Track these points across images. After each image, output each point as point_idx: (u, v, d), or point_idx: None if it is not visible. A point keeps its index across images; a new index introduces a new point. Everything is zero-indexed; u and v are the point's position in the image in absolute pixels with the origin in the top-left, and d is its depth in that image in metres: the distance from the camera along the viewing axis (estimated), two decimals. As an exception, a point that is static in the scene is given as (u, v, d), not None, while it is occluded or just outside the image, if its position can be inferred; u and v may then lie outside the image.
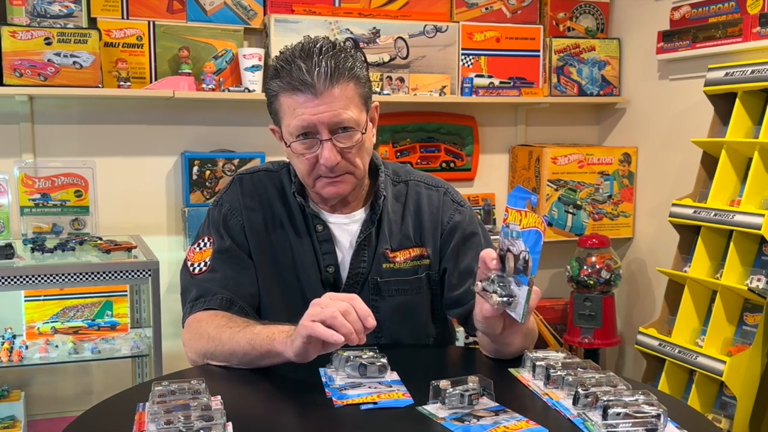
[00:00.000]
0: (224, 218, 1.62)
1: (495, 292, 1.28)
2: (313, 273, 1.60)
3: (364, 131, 1.52)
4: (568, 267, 3.22)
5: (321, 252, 1.61)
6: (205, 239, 1.62)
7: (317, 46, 1.48)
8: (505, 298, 1.27)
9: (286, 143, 1.53)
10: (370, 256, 1.61)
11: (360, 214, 1.63)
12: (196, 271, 1.59)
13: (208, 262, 1.58)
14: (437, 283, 1.67)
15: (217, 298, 1.54)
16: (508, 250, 1.27)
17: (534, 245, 1.20)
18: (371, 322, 1.28)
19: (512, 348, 1.43)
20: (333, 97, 1.46)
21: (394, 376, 1.36)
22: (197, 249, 1.62)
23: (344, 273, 1.61)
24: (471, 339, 2.59)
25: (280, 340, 1.35)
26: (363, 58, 1.56)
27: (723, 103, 2.73)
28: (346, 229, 1.62)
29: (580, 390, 1.19)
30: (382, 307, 1.62)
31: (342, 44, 1.52)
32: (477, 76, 3.21)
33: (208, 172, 2.90)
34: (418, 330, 1.67)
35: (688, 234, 2.82)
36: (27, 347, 2.52)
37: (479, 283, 1.31)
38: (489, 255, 1.30)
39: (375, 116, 1.60)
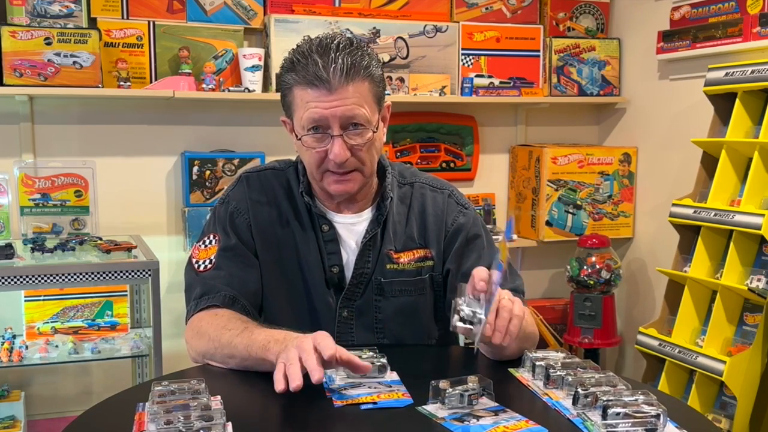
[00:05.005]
0: (231, 216, 1.62)
1: (459, 312, 1.29)
2: (317, 273, 1.60)
3: (375, 129, 1.53)
4: (568, 267, 3.22)
5: (326, 252, 1.61)
6: (211, 236, 1.62)
7: (335, 42, 1.48)
8: (465, 323, 1.29)
9: (296, 136, 1.53)
10: (375, 257, 1.62)
11: (367, 215, 1.64)
12: (201, 268, 1.59)
13: (213, 260, 1.58)
14: (440, 284, 1.67)
15: (220, 296, 1.54)
16: (491, 277, 1.31)
17: (497, 282, 1.27)
18: (315, 376, 1.23)
19: (507, 351, 1.43)
20: (347, 93, 1.47)
21: (394, 376, 1.36)
22: (202, 246, 1.62)
23: (348, 273, 1.61)
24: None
25: (273, 351, 1.35)
26: (378, 58, 1.57)
27: (723, 103, 2.73)
28: (352, 229, 1.62)
29: (579, 390, 1.19)
30: (385, 308, 1.62)
31: (359, 42, 1.53)
32: (477, 76, 3.21)
33: (208, 172, 2.90)
34: (420, 331, 1.67)
35: (688, 234, 2.82)
36: (27, 347, 2.52)
37: (457, 300, 1.31)
38: (480, 275, 1.31)
39: (386, 116, 1.60)
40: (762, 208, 2.51)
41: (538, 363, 1.35)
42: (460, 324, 1.29)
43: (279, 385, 1.24)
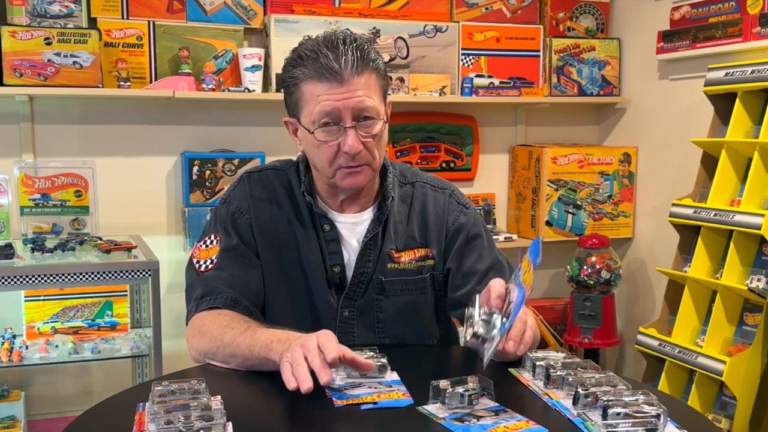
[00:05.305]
0: (232, 216, 1.62)
1: (474, 326, 1.28)
2: (319, 272, 1.60)
3: (386, 120, 1.53)
4: (568, 267, 3.22)
5: (327, 251, 1.61)
6: (212, 237, 1.62)
7: (340, 38, 1.50)
8: (478, 339, 1.28)
9: (308, 130, 1.52)
10: (375, 256, 1.62)
11: (368, 214, 1.64)
12: (202, 268, 1.59)
13: (215, 260, 1.58)
14: (441, 283, 1.67)
15: (222, 297, 1.54)
16: (508, 293, 1.31)
17: (519, 303, 1.26)
18: (324, 378, 1.23)
19: (509, 356, 1.43)
20: (358, 85, 1.47)
21: (394, 376, 1.36)
22: (203, 246, 1.62)
23: (350, 273, 1.61)
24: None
25: (276, 350, 1.35)
26: (380, 53, 1.58)
27: (723, 103, 2.73)
28: (353, 228, 1.62)
29: (580, 390, 1.19)
30: (386, 307, 1.63)
31: (362, 39, 1.54)
32: (477, 76, 3.21)
33: (208, 172, 2.90)
34: (421, 330, 1.68)
35: (688, 234, 2.82)
36: (27, 347, 2.52)
37: (470, 309, 1.31)
38: (497, 290, 1.31)
39: (388, 112, 1.60)
40: (762, 208, 2.51)
41: (538, 363, 1.35)
42: (473, 339, 1.29)
43: (291, 384, 1.24)
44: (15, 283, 2.32)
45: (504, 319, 1.28)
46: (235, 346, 1.41)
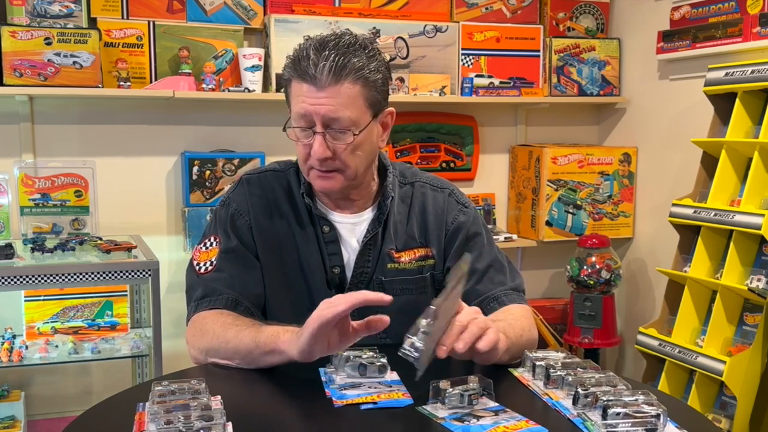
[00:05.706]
0: (231, 218, 1.62)
1: (412, 338, 1.21)
2: (318, 273, 1.61)
3: (357, 133, 1.51)
4: (568, 267, 3.22)
5: (327, 253, 1.61)
6: (212, 239, 1.62)
7: (334, 41, 1.50)
8: (414, 351, 1.20)
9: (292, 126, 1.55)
10: (375, 256, 1.62)
11: (368, 214, 1.64)
12: (202, 270, 1.59)
13: (215, 262, 1.58)
14: (441, 282, 1.67)
15: (222, 298, 1.54)
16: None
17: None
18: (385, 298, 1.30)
19: (497, 362, 1.42)
20: (335, 93, 1.47)
21: (394, 376, 1.36)
22: (203, 248, 1.62)
23: (349, 273, 1.62)
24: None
25: (284, 338, 1.35)
26: (384, 62, 1.56)
27: (723, 103, 2.73)
28: (352, 229, 1.63)
29: (580, 390, 1.19)
30: (387, 307, 1.62)
31: (365, 43, 1.53)
32: (477, 76, 3.21)
33: (208, 172, 2.90)
34: None
35: (688, 234, 2.82)
36: (27, 347, 2.52)
37: (420, 322, 1.23)
38: (463, 317, 1.31)
39: (388, 122, 1.60)
40: (762, 208, 2.51)
41: (538, 363, 1.35)
42: (405, 351, 1.21)
43: (339, 306, 1.27)
44: (15, 283, 2.32)
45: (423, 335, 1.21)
46: (239, 341, 1.41)
